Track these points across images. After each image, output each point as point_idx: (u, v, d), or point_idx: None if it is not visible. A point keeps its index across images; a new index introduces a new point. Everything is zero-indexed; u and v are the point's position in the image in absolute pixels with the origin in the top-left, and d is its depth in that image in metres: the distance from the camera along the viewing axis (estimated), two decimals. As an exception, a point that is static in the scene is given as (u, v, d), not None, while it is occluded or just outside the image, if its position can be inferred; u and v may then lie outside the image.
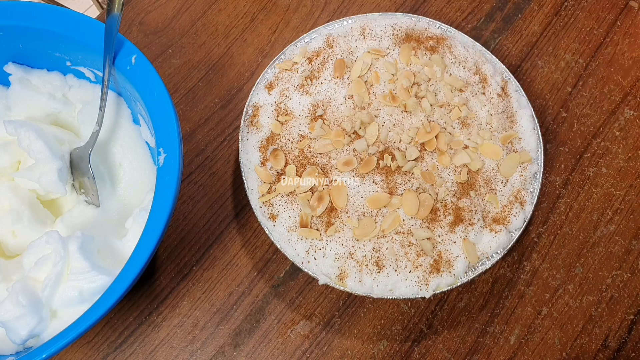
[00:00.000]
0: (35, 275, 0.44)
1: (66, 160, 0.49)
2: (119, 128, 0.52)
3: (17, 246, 0.49)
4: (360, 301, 0.53)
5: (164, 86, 0.45)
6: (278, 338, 0.51)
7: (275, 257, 0.54)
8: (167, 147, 0.43)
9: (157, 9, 0.64)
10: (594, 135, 0.60)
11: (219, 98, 0.60)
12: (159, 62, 0.62)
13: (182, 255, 0.54)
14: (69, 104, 0.53)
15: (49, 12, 0.47)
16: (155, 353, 0.51)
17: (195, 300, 0.52)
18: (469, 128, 0.54)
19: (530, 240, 0.55)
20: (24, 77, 0.52)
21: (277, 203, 0.51)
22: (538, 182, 0.53)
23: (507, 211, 0.51)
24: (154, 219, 0.41)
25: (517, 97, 0.56)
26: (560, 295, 0.53)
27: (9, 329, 0.42)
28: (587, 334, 0.52)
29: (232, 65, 0.62)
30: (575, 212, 0.56)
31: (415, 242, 0.50)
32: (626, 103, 0.61)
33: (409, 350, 0.51)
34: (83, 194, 0.50)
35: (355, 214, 0.50)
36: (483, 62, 0.57)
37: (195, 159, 0.58)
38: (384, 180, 0.52)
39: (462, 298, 0.53)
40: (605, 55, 0.63)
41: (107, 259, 0.46)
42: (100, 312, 0.38)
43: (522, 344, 0.52)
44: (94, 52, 0.47)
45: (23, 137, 0.47)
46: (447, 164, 0.53)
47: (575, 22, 0.65)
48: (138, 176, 0.51)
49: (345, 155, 0.53)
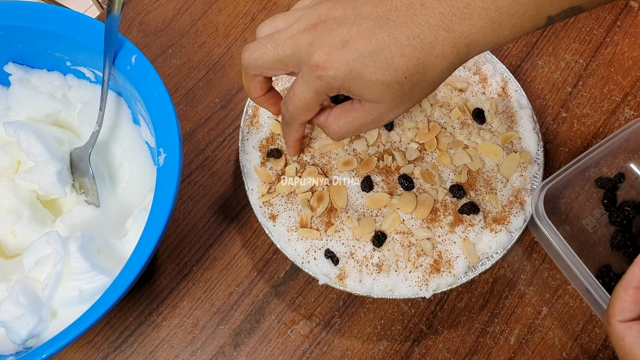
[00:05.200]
0: (35, 275, 0.44)
1: (66, 161, 0.49)
2: (119, 128, 0.52)
3: (17, 246, 0.49)
4: (360, 301, 0.53)
5: (164, 86, 0.45)
6: (278, 338, 0.51)
7: (275, 257, 0.54)
8: (167, 147, 0.43)
9: (157, 9, 0.64)
10: (594, 135, 0.60)
11: (219, 98, 0.60)
12: (159, 62, 0.62)
13: (182, 255, 0.54)
14: (69, 104, 0.53)
15: (49, 12, 0.47)
16: (155, 353, 0.51)
17: (195, 300, 0.52)
18: (469, 128, 0.54)
19: (530, 240, 0.55)
20: (24, 77, 0.52)
21: (277, 203, 0.51)
22: (538, 182, 0.53)
23: (507, 211, 0.51)
24: (154, 219, 0.41)
25: (517, 97, 0.56)
26: (560, 295, 0.53)
27: (9, 329, 0.42)
28: (587, 334, 0.52)
29: (232, 65, 0.62)
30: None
31: (416, 242, 0.50)
32: (626, 103, 0.61)
33: (409, 350, 0.51)
34: (83, 194, 0.50)
35: (355, 214, 0.50)
36: (483, 62, 0.57)
37: (195, 159, 0.58)
38: (384, 180, 0.52)
39: (462, 298, 0.53)
40: (605, 55, 0.63)
41: (107, 259, 0.46)
42: (100, 312, 0.38)
43: (522, 344, 0.52)
44: (94, 52, 0.47)
45: (22, 139, 0.47)
46: (447, 164, 0.53)
47: (575, 22, 0.65)
48: (138, 176, 0.51)
49: (345, 155, 0.53)
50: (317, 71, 0.36)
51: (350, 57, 0.36)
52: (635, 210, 0.55)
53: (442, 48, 0.35)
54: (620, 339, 0.36)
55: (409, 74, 0.36)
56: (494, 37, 0.36)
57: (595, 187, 0.57)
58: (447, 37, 0.35)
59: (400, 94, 0.37)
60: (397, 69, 0.35)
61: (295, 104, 0.40)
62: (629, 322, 0.37)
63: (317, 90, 0.38)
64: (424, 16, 0.35)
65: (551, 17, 0.36)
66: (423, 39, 0.35)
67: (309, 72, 0.37)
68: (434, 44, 0.35)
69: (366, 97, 0.38)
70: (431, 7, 0.35)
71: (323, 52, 0.36)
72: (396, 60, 0.35)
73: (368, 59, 0.35)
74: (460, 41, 0.35)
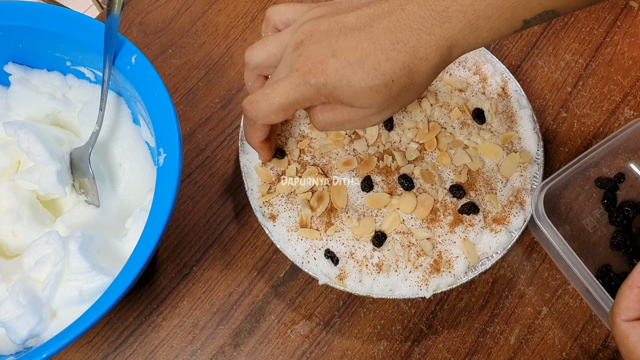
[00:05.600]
0: (35, 275, 0.44)
1: (66, 161, 0.49)
2: (119, 128, 0.52)
3: (17, 246, 0.49)
4: (360, 301, 0.53)
5: (164, 86, 0.45)
6: (278, 338, 0.51)
7: (275, 257, 0.54)
8: (167, 147, 0.43)
9: (157, 9, 0.64)
10: (594, 135, 0.60)
11: (219, 98, 0.60)
12: (159, 62, 0.62)
13: (182, 255, 0.54)
14: (69, 104, 0.53)
15: (49, 12, 0.47)
16: (155, 353, 0.51)
17: (195, 300, 0.52)
18: (469, 128, 0.54)
19: (530, 240, 0.55)
20: (24, 77, 0.52)
21: (277, 203, 0.51)
22: (538, 182, 0.53)
23: (507, 211, 0.51)
24: (154, 219, 0.41)
25: (517, 97, 0.56)
26: (560, 295, 0.53)
27: (9, 329, 0.42)
28: (587, 334, 0.52)
29: (232, 65, 0.62)
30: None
31: (416, 242, 0.50)
32: (626, 103, 0.61)
33: (409, 350, 0.51)
34: (83, 194, 0.50)
35: (355, 214, 0.50)
36: (483, 62, 0.57)
37: (195, 159, 0.58)
38: (384, 180, 0.52)
39: (462, 298, 0.53)
40: (605, 55, 0.63)
41: (107, 259, 0.46)
42: (100, 312, 0.38)
43: (522, 344, 0.52)
44: (94, 52, 0.47)
45: (22, 139, 0.47)
46: (447, 164, 0.53)
47: (575, 22, 0.65)
48: (138, 176, 0.51)
49: (345, 155, 0.53)
50: (308, 77, 0.37)
51: (340, 66, 0.37)
52: (635, 210, 0.55)
53: (426, 51, 0.36)
54: (624, 337, 0.37)
55: (396, 77, 0.37)
56: (473, 39, 0.37)
57: (595, 187, 0.57)
58: (430, 40, 0.36)
59: (388, 97, 0.38)
60: (384, 74, 0.36)
61: (273, 101, 0.39)
62: (634, 321, 0.37)
63: (303, 96, 0.38)
64: (406, 21, 0.36)
65: (526, 20, 0.37)
66: (406, 43, 0.36)
67: (300, 76, 0.38)
68: (417, 48, 0.36)
69: (355, 104, 0.38)
70: (412, 12, 0.36)
71: (316, 60, 0.37)
72: (383, 65, 0.36)
73: (356, 66, 0.36)
74: (442, 44, 0.36)
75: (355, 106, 0.39)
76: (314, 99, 0.39)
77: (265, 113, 0.41)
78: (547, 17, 0.38)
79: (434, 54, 0.37)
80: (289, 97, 0.39)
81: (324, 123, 0.41)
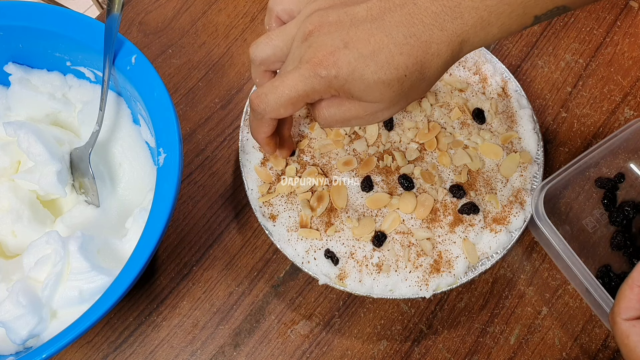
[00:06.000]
0: (35, 275, 0.44)
1: (66, 161, 0.49)
2: (119, 128, 0.52)
3: (17, 246, 0.49)
4: (360, 301, 0.53)
5: (164, 86, 0.45)
6: (278, 338, 0.51)
7: (275, 257, 0.54)
8: (167, 147, 0.43)
9: (157, 9, 0.64)
10: (594, 135, 0.60)
11: (219, 98, 0.60)
12: (159, 62, 0.62)
13: (182, 255, 0.54)
14: (69, 104, 0.53)
15: (49, 12, 0.47)
16: (155, 353, 0.51)
17: (195, 300, 0.52)
18: (469, 128, 0.54)
19: (530, 240, 0.55)
20: (24, 77, 0.52)
21: (277, 203, 0.51)
22: (538, 182, 0.53)
23: (507, 211, 0.51)
24: (154, 219, 0.41)
25: (517, 97, 0.56)
26: (560, 295, 0.53)
27: (9, 329, 0.42)
28: (587, 334, 0.52)
29: (232, 65, 0.62)
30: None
31: (415, 242, 0.50)
32: (626, 103, 0.61)
33: (409, 350, 0.51)
34: (83, 194, 0.50)
35: (355, 214, 0.50)
36: (483, 62, 0.57)
37: (195, 159, 0.58)
38: (384, 180, 0.52)
39: (462, 298, 0.53)
40: (605, 55, 0.63)
41: (107, 259, 0.46)
42: (100, 312, 0.38)
43: (522, 344, 0.52)
44: (94, 52, 0.47)
45: (22, 139, 0.47)
46: (447, 164, 0.53)
47: (575, 22, 0.65)
48: (138, 176, 0.51)
49: (345, 155, 0.53)
50: (318, 69, 0.36)
51: (352, 57, 0.36)
52: (635, 210, 0.55)
53: (438, 46, 0.36)
54: (624, 337, 0.37)
55: (409, 72, 0.36)
56: (484, 35, 0.37)
57: (595, 187, 0.57)
58: (442, 36, 0.36)
59: (399, 92, 0.37)
60: (398, 68, 0.36)
61: (282, 95, 0.38)
62: (634, 321, 0.37)
63: (313, 88, 0.37)
64: (418, 15, 0.36)
65: (537, 16, 0.37)
66: (419, 37, 0.35)
67: (311, 68, 0.36)
68: (430, 43, 0.36)
69: (366, 98, 0.37)
70: (424, 7, 0.36)
71: (327, 51, 0.36)
72: (396, 59, 0.36)
73: (369, 58, 0.36)
74: (453, 39, 0.36)
75: (366, 100, 0.38)
76: (324, 92, 0.37)
77: (273, 107, 0.39)
78: (557, 12, 0.37)
79: (446, 50, 0.36)
80: (298, 90, 0.37)
81: (329, 119, 0.40)
